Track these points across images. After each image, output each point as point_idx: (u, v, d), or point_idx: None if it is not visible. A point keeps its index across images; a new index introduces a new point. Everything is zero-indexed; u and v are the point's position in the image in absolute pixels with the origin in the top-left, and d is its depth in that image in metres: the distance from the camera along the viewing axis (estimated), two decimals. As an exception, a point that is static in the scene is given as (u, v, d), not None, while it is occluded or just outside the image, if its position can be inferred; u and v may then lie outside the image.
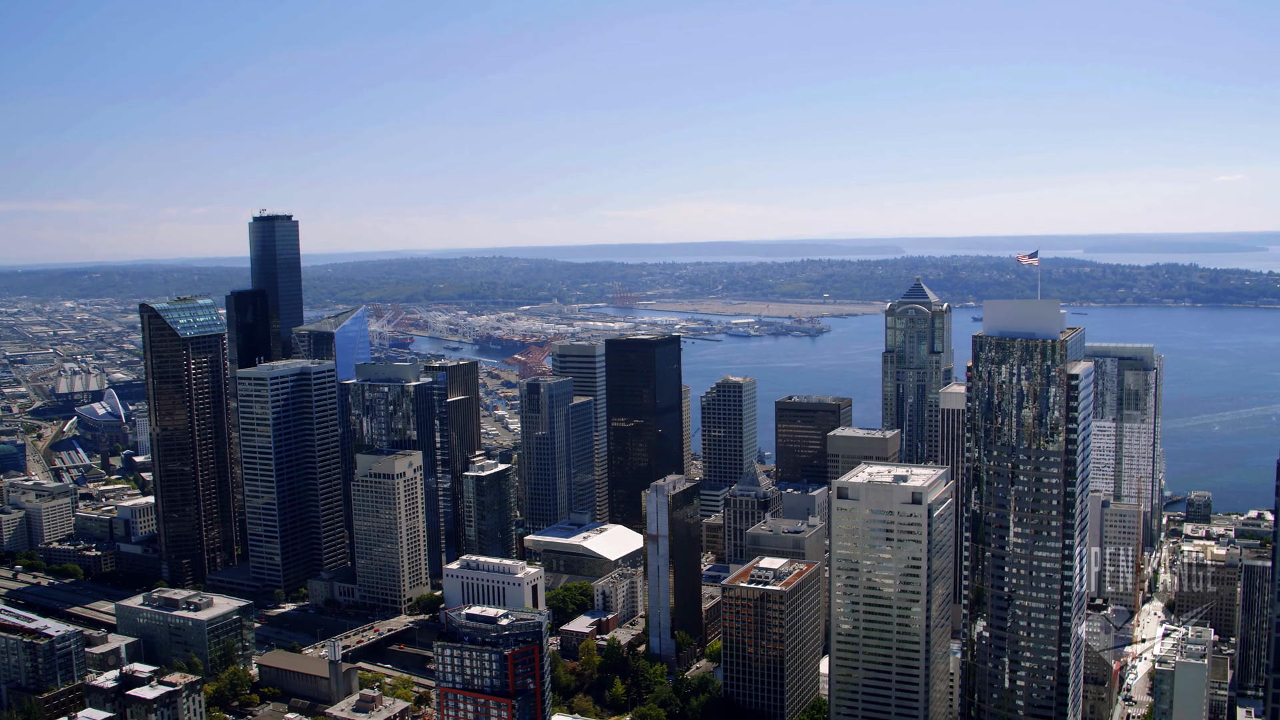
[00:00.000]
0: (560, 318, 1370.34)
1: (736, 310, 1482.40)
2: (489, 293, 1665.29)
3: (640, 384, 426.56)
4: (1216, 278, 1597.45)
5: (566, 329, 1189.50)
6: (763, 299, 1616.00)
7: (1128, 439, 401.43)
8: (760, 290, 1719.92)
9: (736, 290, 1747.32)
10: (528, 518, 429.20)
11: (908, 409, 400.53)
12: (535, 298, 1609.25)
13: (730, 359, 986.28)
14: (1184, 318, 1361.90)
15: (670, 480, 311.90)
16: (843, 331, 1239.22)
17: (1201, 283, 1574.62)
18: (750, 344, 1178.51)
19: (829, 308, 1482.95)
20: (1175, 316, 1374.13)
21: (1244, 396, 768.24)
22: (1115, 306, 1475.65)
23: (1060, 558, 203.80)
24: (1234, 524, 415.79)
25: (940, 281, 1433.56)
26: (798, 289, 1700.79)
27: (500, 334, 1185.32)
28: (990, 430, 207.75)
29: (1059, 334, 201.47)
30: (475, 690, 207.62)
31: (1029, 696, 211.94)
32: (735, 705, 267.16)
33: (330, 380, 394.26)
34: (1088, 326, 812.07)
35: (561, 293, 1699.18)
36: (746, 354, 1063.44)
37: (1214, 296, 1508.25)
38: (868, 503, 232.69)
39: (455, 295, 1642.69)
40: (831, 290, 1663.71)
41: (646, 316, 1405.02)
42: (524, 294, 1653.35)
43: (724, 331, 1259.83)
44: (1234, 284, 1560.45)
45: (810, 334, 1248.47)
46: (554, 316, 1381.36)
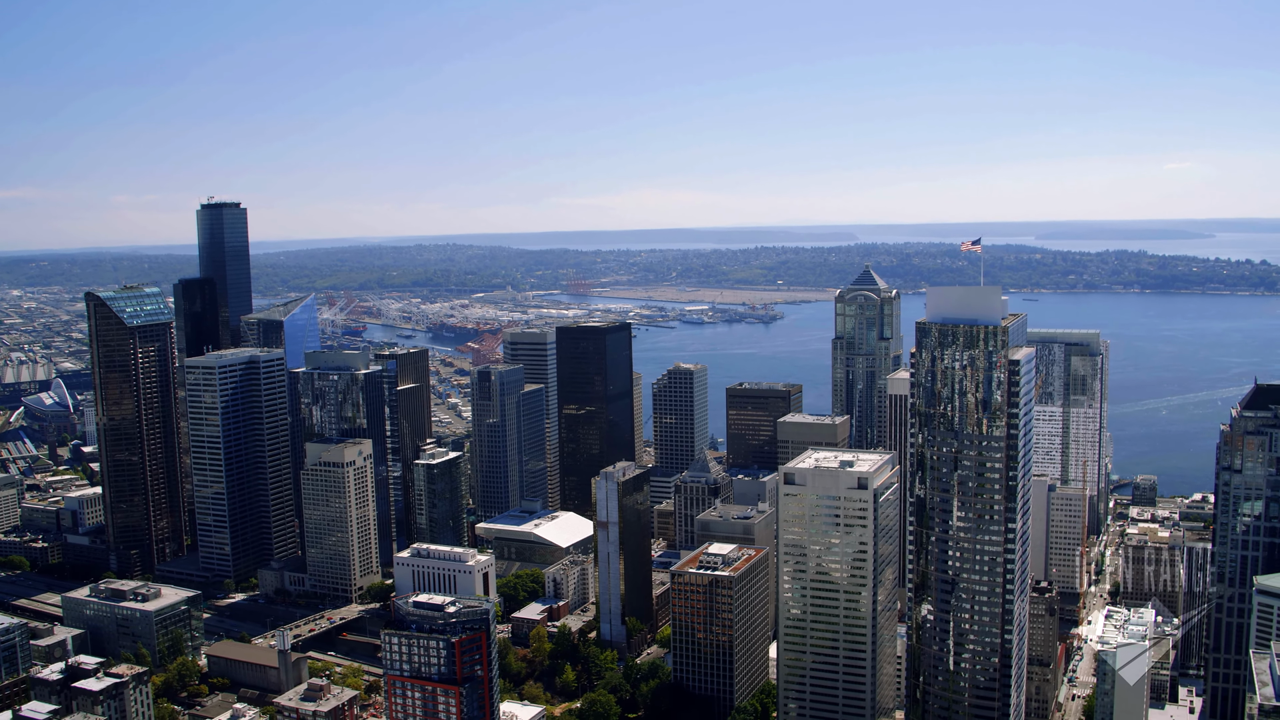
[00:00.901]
0: (514, 305, 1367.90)
1: (690, 297, 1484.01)
2: (443, 280, 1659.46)
3: (591, 371, 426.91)
4: (1165, 264, 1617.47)
5: (520, 316, 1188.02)
6: (717, 286, 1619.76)
7: (1074, 424, 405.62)
8: (714, 277, 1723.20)
9: (691, 277, 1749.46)
10: (479, 505, 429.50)
11: (857, 395, 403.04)
12: (489, 285, 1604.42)
13: (684, 346, 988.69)
14: (1133, 303, 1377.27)
15: (620, 467, 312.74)
16: (796, 318, 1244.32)
17: (1150, 269, 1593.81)
18: (704, 331, 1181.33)
19: (783, 294, 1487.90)
20: (1125, 302, 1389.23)
21: (1190, 381, 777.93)
22: (1066, 293, 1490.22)
23: (1003, 541, 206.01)
24: (1179, 507, 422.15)
25: (893, 268, 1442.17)
26: (752, 276, 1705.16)
27: (454, 321, 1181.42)
28: (933, 416, 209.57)
29: (1001, 320, 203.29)
30: (423, 678, 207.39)
31: (973, 678, 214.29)
32: (685, 690, 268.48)
33: (279, 369, 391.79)
34: (1039, 313, 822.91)
35: (516, 280, 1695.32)
36: (700, 341, 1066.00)
37: (1162, 282, 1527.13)
38: (814, 488, 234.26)
39: (409, 283, 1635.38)
40: (785, 277, 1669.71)
41: (601, 304, 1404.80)
42: (478, 281, 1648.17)
43: (678, 318, 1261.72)
44: (1182, 270, 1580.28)
45: (764, 321, 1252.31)
46: (508, 304, 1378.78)
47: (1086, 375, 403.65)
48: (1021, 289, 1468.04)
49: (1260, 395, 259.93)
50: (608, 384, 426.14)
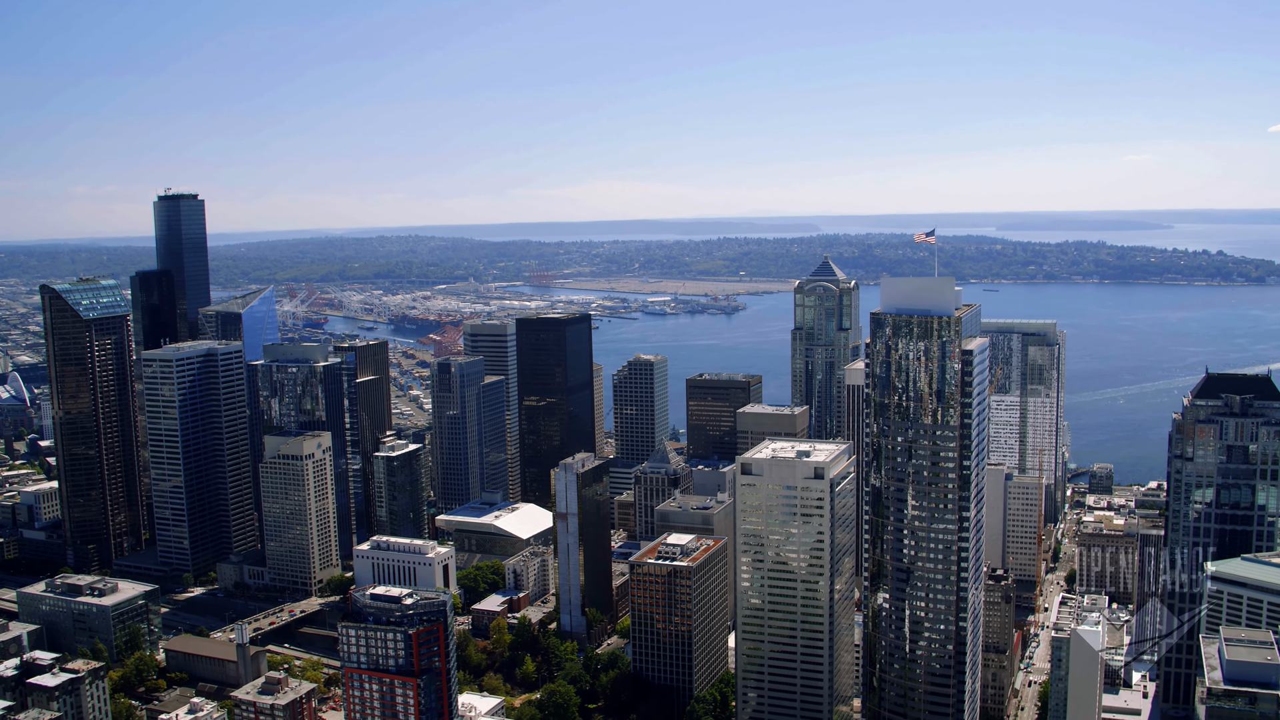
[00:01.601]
0: (476, 297, 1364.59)
1: (653, 288, 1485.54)
2: (405, 272, 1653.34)
3: (552, 363, 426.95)
4: (1123, 255, 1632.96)
5: (483, 308, 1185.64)
6: (679, 277, 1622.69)
7: (1032, 413, 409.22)
8: (677, 268, 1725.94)
9: (653, 268, 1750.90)
10: (440, 497, 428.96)
11: (817, 385, 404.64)
12: (451, 277, 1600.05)
13: (646, 337, 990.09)
14: (1092, 294, 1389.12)
15: (579, 458, 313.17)
16: (758, 309, 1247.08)
17: (1109, 260, 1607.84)
18: (666, 322, 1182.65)
19: (745, 285, 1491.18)
20: (1083, 292, 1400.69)
21: (1148, 370, 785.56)
22: (1026, 283, 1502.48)
23: (957, 530, 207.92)
24: (1135, 495, 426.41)
25: (855, 259, 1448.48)
26: (714, 267, 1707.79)
27: (416, 313, 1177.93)
28: (888, 406, 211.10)
29: (954, 310, 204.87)
30: (381, 670, 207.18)
31: (929, 665, 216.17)
32: (644, 680, 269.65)
33: (237, 361, 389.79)
34: (999, 303, 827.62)
35: (478, 272, 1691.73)
36: (662, 332, 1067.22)
37: (1121, 273, 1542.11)
38: (771, 478, 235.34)
39: (371, 274, 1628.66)
40: (748, 268, 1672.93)
41: (563, 295, 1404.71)
42: (440, 273, 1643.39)
43: (640, 310, 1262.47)
44: (1140, 261, 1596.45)
45: (726, 312, 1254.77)
46: (470, 295, 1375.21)
47: (1044, 365, 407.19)
48: (982, 279, 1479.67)
49: (1211, 384, 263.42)
50: (568, 375, 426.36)
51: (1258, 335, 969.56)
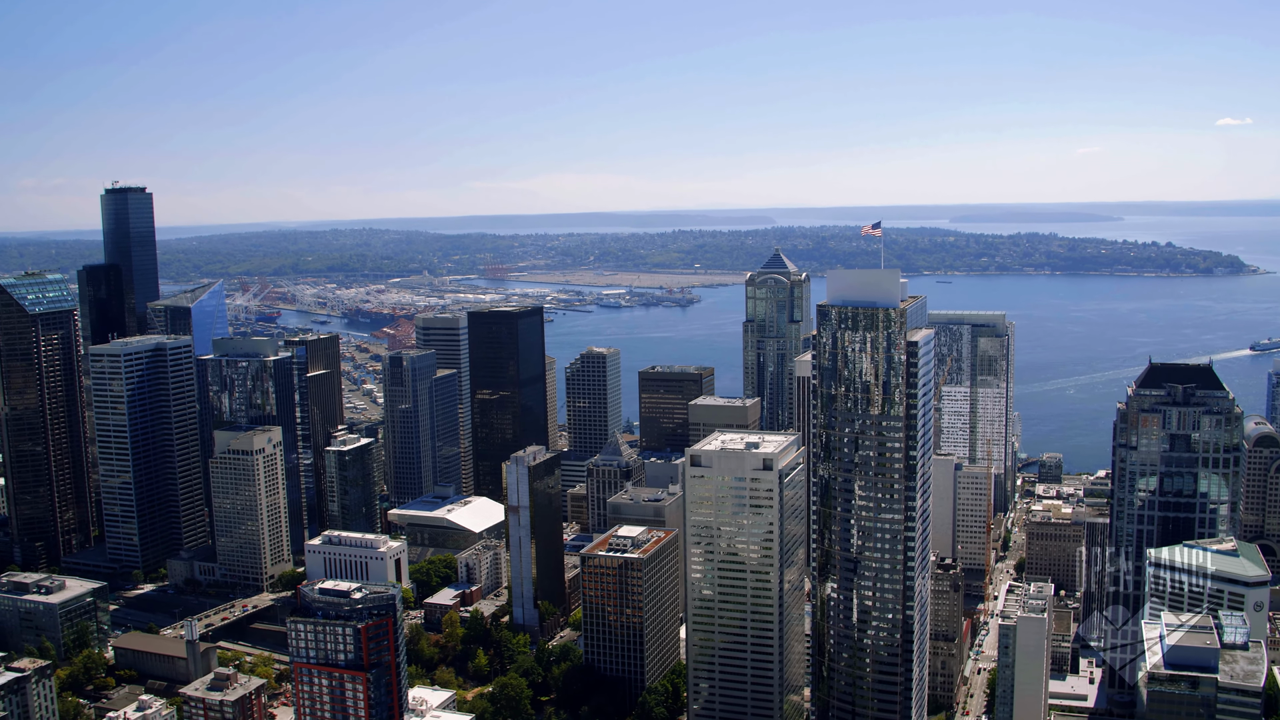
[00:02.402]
0: (431, 290, 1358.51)
1: (608, 281, 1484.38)
2: (359, 265, 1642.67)
3: (504, 356, 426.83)
4: (1074, 246, 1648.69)
5: (437, 301, 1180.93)
6: (634, 269, 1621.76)
7: (982, 404, 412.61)
8: (632, 261, 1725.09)
9: (608, 261, 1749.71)
10: (393, 491, 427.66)
11: (769, 377, 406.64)
12: (406, 270, 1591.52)
13: (601, 330, 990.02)
14: (1043, 285, 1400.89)
15: (530, 451, 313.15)
16: (713, 301, 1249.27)
17: (1060, 251, 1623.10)
18: (621, 315, 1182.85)
19: (699, 278, 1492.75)
20: (1035, 284, 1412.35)
21: (1098, 361, 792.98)
22: (978, 275, 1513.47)
23: (903, 520, 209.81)
24: (1084, 484, 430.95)
25: (809, 251, 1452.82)
26: (669, 259, 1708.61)
27: (369, 307, 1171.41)
28: (835, 397, 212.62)
29: (899, 302, 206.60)
30: (330, 665, 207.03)
31: (877, 654, 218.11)
32: (596, 672, 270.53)
33: (187, 356, 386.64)
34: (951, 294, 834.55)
35: (432, 265, 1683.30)
36: (617, 325, 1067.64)
37: (1072, 264, 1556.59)
38: (720, 470, 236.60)
39: (324, 268, 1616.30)
40: (702, 260, 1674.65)
41: (518, 288, 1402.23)
42: (394, 266, 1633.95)
43: (595, 302, 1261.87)
44: (1090, 253, 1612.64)
45: (681, 304, 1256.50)
46: (424, 289, 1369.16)
47: (995, 356, 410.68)
48: (935, 271, 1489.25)
49: (1154, 374, 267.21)
50: (520, 368, 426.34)
51: (1205, 326, 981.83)
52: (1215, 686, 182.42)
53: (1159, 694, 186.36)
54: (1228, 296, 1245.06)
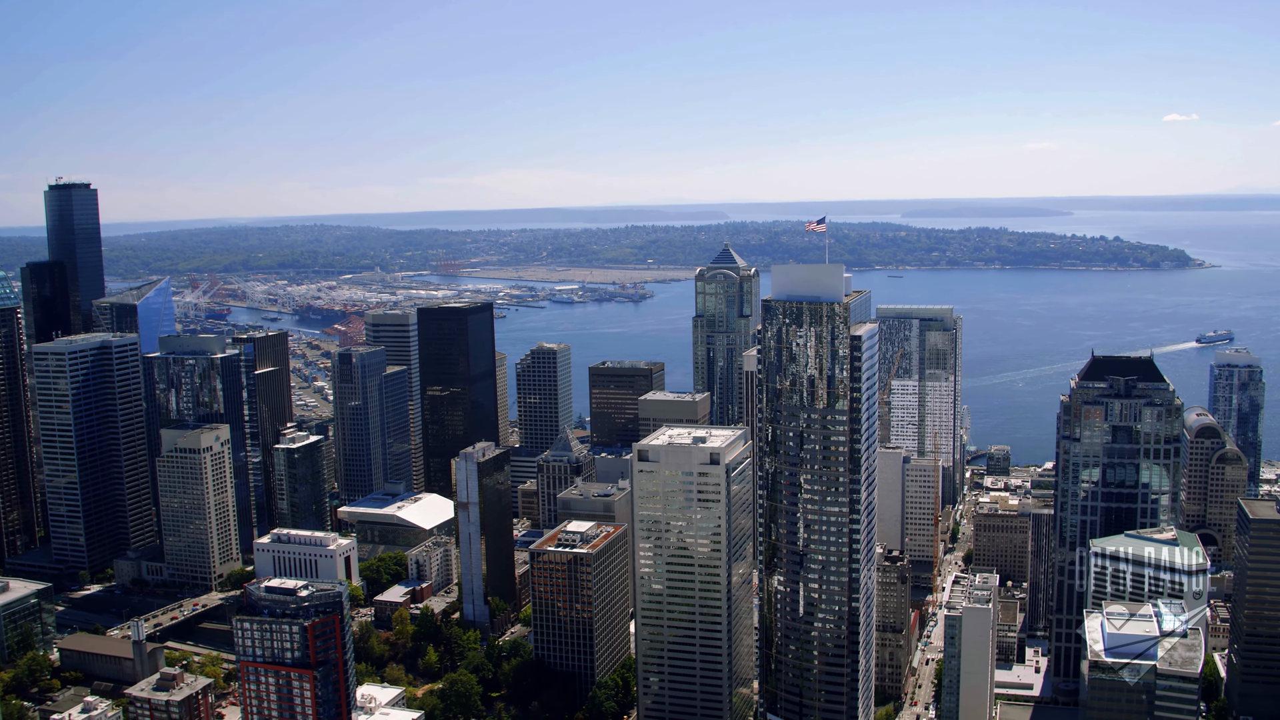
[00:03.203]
0: (383, 286, 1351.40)
1: (561, 277, 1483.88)
2: (310, 262, 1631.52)
3: (454, 352, 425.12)
4: (1024, 241, 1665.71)
5: (389, 298, 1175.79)
6: (587, 265, 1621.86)
7: (930, 397, 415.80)
8: (585, 256, 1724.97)
9: (561, 257, 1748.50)
10: (343, 489, 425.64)
11: (718, 372, 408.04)
12: (357, 266, 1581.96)
13: (554, 325, 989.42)
14: (993, 279, 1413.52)
15: (480, 447, 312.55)
16: (665, 296, 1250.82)
17: (1010, 246, 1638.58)
18: (574, 310, 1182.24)
19: (652, 273, 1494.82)
20: (985, 278, 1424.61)
21: (1046, 354, 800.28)
22: (930, 269, 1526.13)
23: (848, 513, 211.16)
24: (1031, 476, 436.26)
25: (762, 247, 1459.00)
26: (622, 255, 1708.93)
27: (321, 304, 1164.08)
28: (780, 391, 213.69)
29: (843, 297, 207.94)
30: (277, 663, 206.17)
31: (823, 646, 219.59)
32: (546, 668, 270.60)
33: (133, 354, 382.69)
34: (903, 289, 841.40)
35: (384, 261, 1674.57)
36: (570, 320, 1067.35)
37: (1021, 259, 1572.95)
38: (668, 465, 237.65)
39: (275, 264, 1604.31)
40: (655, 256, 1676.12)
41: (471, 284, 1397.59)
42: (346, 263, 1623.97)
43: (548, 298, 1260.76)
44: (1040, 247, 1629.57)
45: (633, 299, 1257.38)
46: (376, 285, 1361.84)
47: (943, 350, 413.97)
48: (887, 266, 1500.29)
49: (1096, 366, 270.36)
50: (471, 365, 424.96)
51: (1152, 319, 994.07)
52: (1154, 673, 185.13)
53: (1099, 681, 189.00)
54: (1174, 290, 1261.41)
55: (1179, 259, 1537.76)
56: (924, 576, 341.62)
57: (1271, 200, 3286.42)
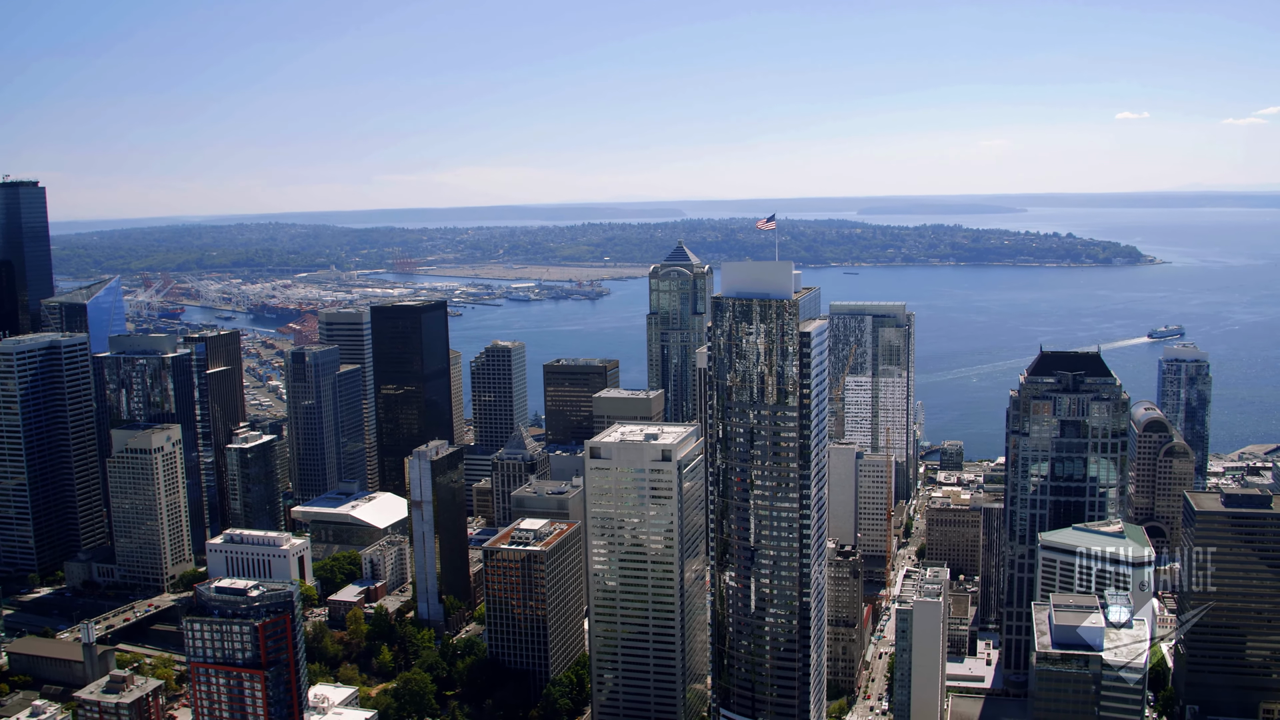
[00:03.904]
0: (338, 285, 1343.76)
1: (517, 274, 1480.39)
2: (264, 260, 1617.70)
3: (408, 350, 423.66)
4: (978, 238, 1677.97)
5: (345, 296, 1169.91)
6: (544, 263, 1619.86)
7: (884, 393, 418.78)
8: (541, 254, 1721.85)
9: (518, 254, 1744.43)
10: (297, 488, 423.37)
11: (673, 369, 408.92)
12: (313, 265, 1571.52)
13: (510, 323, 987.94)
14: (948, 276, 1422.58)
15: (433, 446, 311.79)
16: (622, 294, 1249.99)
17: (964, 242, 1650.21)
18: (531, 308, 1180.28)
19: (609, 271, 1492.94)
20: (940, 275, 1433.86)
21: (1000, 350, 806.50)
22: (885, 266, 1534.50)
23: (799, 508, 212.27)
24: (984, 470, 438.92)
25: (718, 244, 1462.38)
26: (578, 252, 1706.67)
27: (275, 302, 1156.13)
28: (730, 388, 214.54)
29: (792, 294, 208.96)
30: (227, 664, 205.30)
31: (775, 641, 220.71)
32: (501, 665, 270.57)
33: (82, 354, 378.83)
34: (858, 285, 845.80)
35: (340, 259, 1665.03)
36: (527, 318, 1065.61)
37: (976, 255, 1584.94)
38: (620, 462, 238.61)
39: (229, 263, 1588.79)
40: (612, 253, 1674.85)
41: (427, 282, 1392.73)
42: (301, 261, 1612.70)
43: (504, 296, 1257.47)
44: (994, 244, 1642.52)
45: (590, 297, 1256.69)
46: (332, 284, 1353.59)
47: (897, 346, 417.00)
48: (843, 262, 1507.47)
49: (1045, 362, 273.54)
50: (425, 363, 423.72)
51: (1104, 315, 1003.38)
52: (1100, 664, 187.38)
53: (1046, 673, 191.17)
54: (1126, 286, 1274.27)
55: (1131, 255, 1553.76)
56: (877, 571, 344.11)
57: (1222, 197, 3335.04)
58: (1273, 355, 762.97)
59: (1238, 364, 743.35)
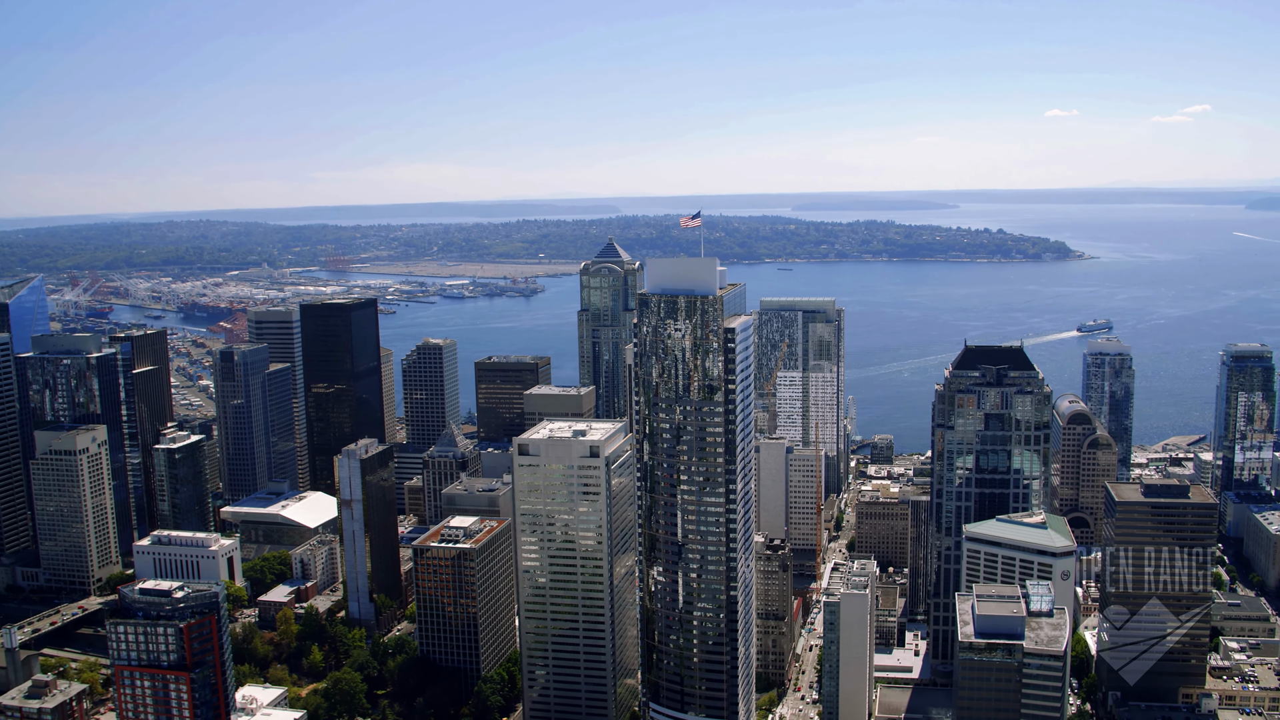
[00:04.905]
0: (270, 283, 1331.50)
1: (452, 272, 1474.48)
2: (195, 258, 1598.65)
3: (339, 349, 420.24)
4: (911, 233, 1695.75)
5: (277, 294, 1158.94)
6: (478, 260, 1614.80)
7: (814, 388, 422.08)
8: (476, 251, 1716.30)
9: (452, 251, 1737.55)
10: (227, 489, 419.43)
11: (604, 366, 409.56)
12: (245, 262, 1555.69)
13: (444, 321, 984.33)
14: (881, 271, 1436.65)
15: (363, 444, 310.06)
16: (557, 291, 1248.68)
17: (897, 238, 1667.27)
18: (465, 305, 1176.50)
19: (544, 268, 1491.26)
20: (873, 270, 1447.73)
21: (931, 345, 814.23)
22: (819, 262, 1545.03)
23: (725, 503, 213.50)
24: (914, 464, 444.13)
25: (653, 240, 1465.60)
26: (513, 249, 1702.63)
27: (206, 301, 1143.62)
28: (656, 384, 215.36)
29: (716, 290, 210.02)
30: (152, 666, 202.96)
31: (703, 635, 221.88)
32: (432, 664, 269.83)
33: (4, 354, 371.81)
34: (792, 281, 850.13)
35: (272, 257, 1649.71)
36: (461, 315, 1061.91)
37: (909, 251, 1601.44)
38: (548, 458, 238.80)
39: (159, 261, 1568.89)
40: (547, 250, 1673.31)
41: (360, 280, 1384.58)
42: (232, 259, 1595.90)
43: (439, 293, 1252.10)
44: (926, 239, 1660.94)
45: (525, 294, 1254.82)
46: (264, 282, 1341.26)
47: (828, 341, 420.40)
48: (777, 258, 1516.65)
49: (969, 356, 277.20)
50: (355, 361, 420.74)
51: (1034, 309, 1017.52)
52: (1022, 653, 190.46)
53: (969, 661, 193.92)
54: (1055, 281, 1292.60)
55: (1060, 251, 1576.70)
56: (808, 565, 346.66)
57: (1149, 193, 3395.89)
58: (1196, 349, 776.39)
59: (1163, 357, 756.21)
